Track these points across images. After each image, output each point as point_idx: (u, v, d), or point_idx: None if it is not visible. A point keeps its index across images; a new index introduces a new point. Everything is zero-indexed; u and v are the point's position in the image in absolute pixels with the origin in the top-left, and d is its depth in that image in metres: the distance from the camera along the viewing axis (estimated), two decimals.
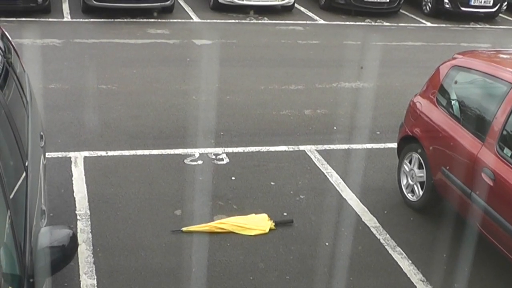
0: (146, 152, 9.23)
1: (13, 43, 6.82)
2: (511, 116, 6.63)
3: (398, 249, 7.28)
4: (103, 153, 9.10)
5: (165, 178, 8.51)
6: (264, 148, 9.55)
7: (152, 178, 8.48)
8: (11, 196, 4.27)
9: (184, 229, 7.29)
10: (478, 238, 7.07)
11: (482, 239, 6.96)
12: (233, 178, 8.64)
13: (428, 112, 7.98)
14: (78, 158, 8.89)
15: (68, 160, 8.83)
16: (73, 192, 8.01)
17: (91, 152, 9.10)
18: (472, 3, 19.64)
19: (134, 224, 7.39)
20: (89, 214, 7.52)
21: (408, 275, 6.85)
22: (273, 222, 7.52)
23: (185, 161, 9.00)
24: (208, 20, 17.54)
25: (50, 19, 16.44)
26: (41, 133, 6.55)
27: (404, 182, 8.32)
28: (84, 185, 8.19)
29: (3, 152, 4.61)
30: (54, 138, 9.24)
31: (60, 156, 8.91)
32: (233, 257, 6.91)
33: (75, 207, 7.66)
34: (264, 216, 7.61)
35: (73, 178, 8.36)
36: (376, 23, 18.70)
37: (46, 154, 7.09)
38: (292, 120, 10.69)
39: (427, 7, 20.26)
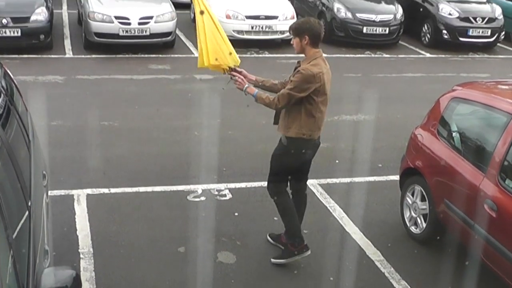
0: (149, 189, 9.24)
1: (15, 81, 6.85)
2: None
3: (403, 282, 7.26)
4: (105, 191, 9.11)
5: (168, 215, 8.51)
6: (266, 183, 9.54)
7: (155, 215, 8.49)
8: (13, 236, 4.27)
9: None
10: (482, 269, 7.05)
11: (486, 270, 6.94)
12: (236, 214, 8.64)
13: (430, 144, 8.00)
14: (80, 196, 8.89)
15: (70, 198, 8.83)
16: (76, 230, 8.01)
17: (94, 189, 9.11)
18: (470, 33, 19.73)
19: (137, 262, 7.37)
20: (92, 252, 7.51)
21: None
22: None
23: (188, 197, 9.00)
24: None
25: (52, 56, 16.54)
26: (44, 172, 6.56)
27: (407, 214, 8.31)
28: (87, 223, 8.19)
29: (6, 192, 4.61)
30: (57, 176, 9.23)
31: (62, 194, 8.91)
32: None
33: (78, 245, 7.65)
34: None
35: (76, 216, 8.35)
36: (376, 55, 18.79)
37: (49, 192, 7.09)
38: None
39: (426, 38, 20.35)
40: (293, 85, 6.88)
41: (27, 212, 5.01)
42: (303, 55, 7.16)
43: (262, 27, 18.38)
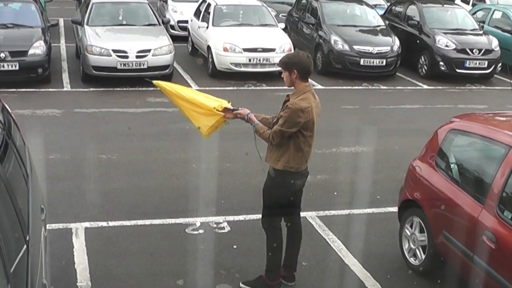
0: (147, 222, 9.22)
1: (13, 115, 6.86)
2: (510, 178, 6.65)
3: None
4: (104, 224, 9.09)
5: (166, 248, 8.49)
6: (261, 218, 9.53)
7: (154, 248, 8.46)
8: (11, 270, 4.27)
9: (154, 82, 7.70)
10: None
11: None
12: (234, 246, 8.62)
13: (428, 176, 8.00)
14: (79, 229, 8.88)
15: (69, 231, 8.81)
16: (74, 263, 7.98)
17: (92, 223, 9.09)
18: (467, 65, 19.79)
19: None
20: (90, 286, 7.48)
21: None
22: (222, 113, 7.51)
23: (187, 230, 8.99)
24: (207, 88, 17.57)
25: (50, 89, 16.55)
26: (42, 206, 6.56)
27: (406, 246, 8.30)
28: (85, 256, 8.16)
29: (4, 226, 4.62)
30: (55, 209, 9.22)
31: (61, 227, 8.89)
32: None
33: (77, 279, 7.63)
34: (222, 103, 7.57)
35: (74, 250, 8.34)
36: (373, 87, 18.82)
37: (47, 225, 7.08)
38: None
39: (423, 70, 20.42)
40: (284, 121, 6.96)
41: (25, 246, 5.01)
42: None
43: (259, 60, 18.43)
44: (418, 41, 20.93)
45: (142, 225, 9.15)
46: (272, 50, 18.64)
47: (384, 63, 19.48)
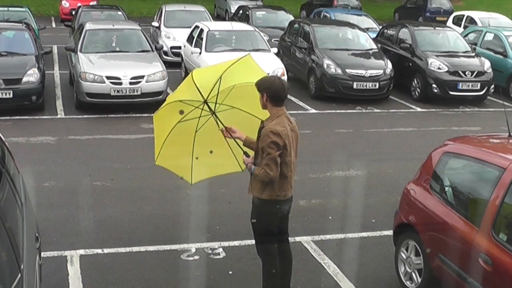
0: (142, 248, 9.19)
1: (6, 144, 6.85)
2: (504, 200, 6.67)
3: None
4: (99, 251, 9.06)
5: (162, 275, 8.46)
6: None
7: (149, 275, 8.43)
8: None
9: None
10: None
11: None
12: (230, 272, 8.59)
13: (422, 199, 8.01)
14: (74, 257, 8.84)
15: (64, 259, 8.78)
16: None
17: (87, 250, 9.06)
18: (460, 87, 19.83)
19: None
20: None
21: None
22: None
23: (182, 256, 8.96)
24: None
25: (44, 117, 16.53)
26: (36, 234, 6.54)
27: (402, 269, 8.28)
28: (81, 284, 8.14)
29: None
30: (49, 237, 9.19)
31: (55, 255, 8.86)
32: None
33: None
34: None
35: (69, 277, 8.30)
36: (367, 110, 18.85)
37: (42, 253, 7.06)
38: None
39: (416, 93, 20.46)
40: (267, 152, 6.91)
41: (19, 275, 5.00)
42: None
43: None
44: (410, 64, 21.00)
45: (137, 252, 9.12)
46: None
47: (377, 86, 19.50)
